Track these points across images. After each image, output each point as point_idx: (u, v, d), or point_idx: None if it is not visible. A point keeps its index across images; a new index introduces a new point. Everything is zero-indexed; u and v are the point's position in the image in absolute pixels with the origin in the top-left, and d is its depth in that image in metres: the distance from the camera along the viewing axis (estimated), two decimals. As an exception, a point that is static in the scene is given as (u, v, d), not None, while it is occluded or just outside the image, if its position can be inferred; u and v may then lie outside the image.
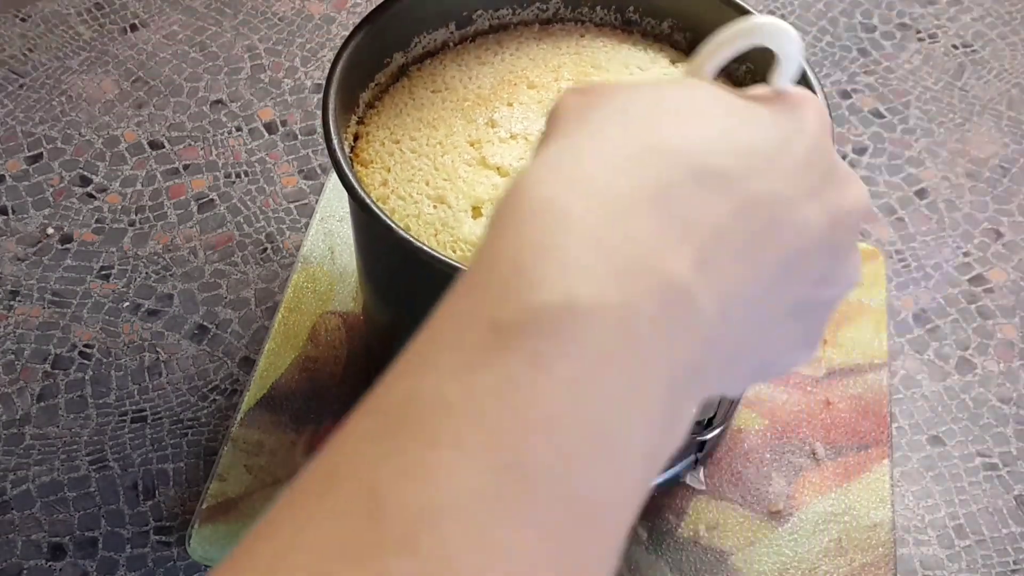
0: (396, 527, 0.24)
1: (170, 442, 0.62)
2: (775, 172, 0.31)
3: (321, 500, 0.25)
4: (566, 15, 0.60)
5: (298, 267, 0.69)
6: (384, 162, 0.52)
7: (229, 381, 0.65)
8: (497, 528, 0.24)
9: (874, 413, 0.64)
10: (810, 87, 0.53)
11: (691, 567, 0.58)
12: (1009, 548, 0.60)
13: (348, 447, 0.27)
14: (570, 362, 0.26)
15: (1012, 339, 0.69)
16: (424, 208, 0.50)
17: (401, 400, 0.27)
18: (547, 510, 0.25)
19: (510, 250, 0.28)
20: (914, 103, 0.82)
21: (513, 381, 0.26)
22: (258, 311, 0.69)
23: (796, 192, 0.31)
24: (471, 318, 0.27)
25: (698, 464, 0.61)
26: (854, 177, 0.35)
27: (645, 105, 0.32)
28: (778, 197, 0.31)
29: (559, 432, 0.25)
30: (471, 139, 0.52)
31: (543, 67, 0.56)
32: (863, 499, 0.60)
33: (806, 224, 0.32)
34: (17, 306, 0.68)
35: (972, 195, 0.76)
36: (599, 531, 0.26)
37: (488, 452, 0.25)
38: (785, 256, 0.31)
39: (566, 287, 0.27)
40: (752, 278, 0.30)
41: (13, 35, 0.83)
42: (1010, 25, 0.88)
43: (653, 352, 0.27)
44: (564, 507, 0.25)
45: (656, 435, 0.28)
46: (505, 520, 0.24)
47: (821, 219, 0.32)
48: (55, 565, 0.58)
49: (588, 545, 0.26)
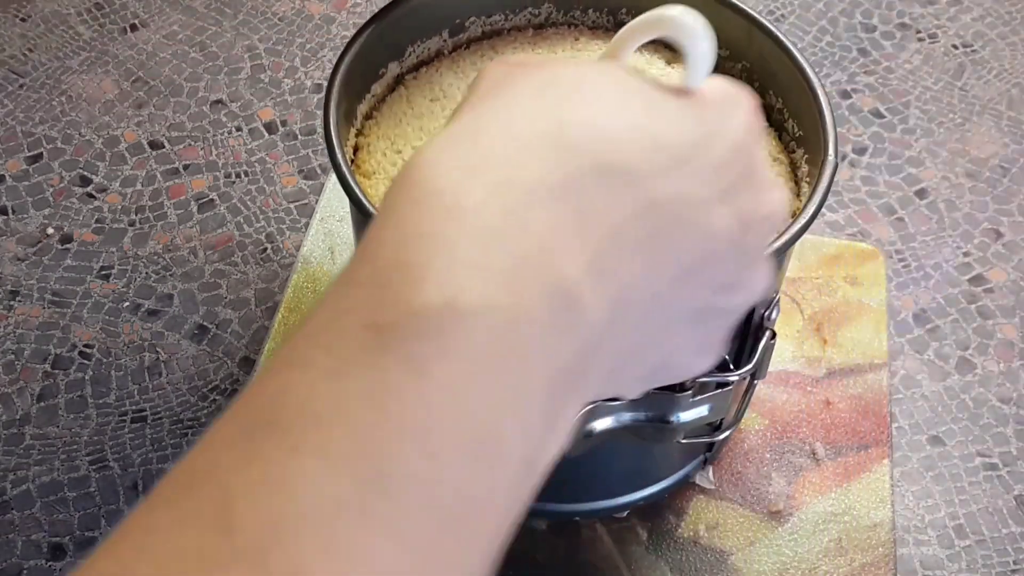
0: (246, 539, 0.22)
1: (170, 442, 0.62)
2: (685, 172, 0.30)
3: (173, 508, 0.24)
4: (558, 19, 0.60)
5: (298, 267, 0.69)
6: (387, 172, 0.52)
7: (229, 381, 0.65)
8: (356, 539, 0.23)
9: (874, 413, 0.64)
10: (811, 87, 0.53)
11: (691, 567, 0.58)
12: (1009, 548, 0.60)
13: (210, 451, 0.25)
14: (449, 366, 0.25)
15: (1012, 339, 0.69)
16: None
17: (268, 402, 0.26)
18: (413, 520, 0.24)
19: (394, 241, 0.26)
20: (914, 103, 0.82)
21: (387, 385, 0.24)
22: (258, 311, 0.69)
23: (706, 194, 0.30)
24: (349, 317, 0.26)
25: (707, 464, 0.61)
26: (775, 184, 0.34)
27: (563, 88, 0.30)
28: (685, 198, 0.29)
29: (432, 439, 0.24)
30: None
31: None
32: (863, 499, 0.60)
33: (713, 227, 0.30)
34: (17, 306, 0.68)
35: (972, 195, 0.76)
36: (468, 538, 0.25)
37: (353, 461, 0.24)
38: (687, 259, 0.30)
39: (451, 286, 0.25)
40: (649, 280, 0.29)
41: (13, 35, 0.84)
42: (1010, 25, 0.88)
43: (536, 357, 0.26)
44: (431, 516, 0.24)
45: (535, 440, 0.27)
46: (365, 531, 0.23)
47: (731, 223, 0.31)
48: (55, 565, 0.58)
49: (456, 553, 0.25)
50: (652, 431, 0.50)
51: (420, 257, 0.26)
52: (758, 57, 0.57)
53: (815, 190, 0.49)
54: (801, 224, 0.47)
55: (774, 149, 0.55)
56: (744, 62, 0.58)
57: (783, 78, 0.55)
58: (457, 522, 0.25)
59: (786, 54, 0.55)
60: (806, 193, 0.53)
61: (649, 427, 0.50)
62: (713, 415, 0.51)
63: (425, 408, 0.24)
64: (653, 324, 0.31)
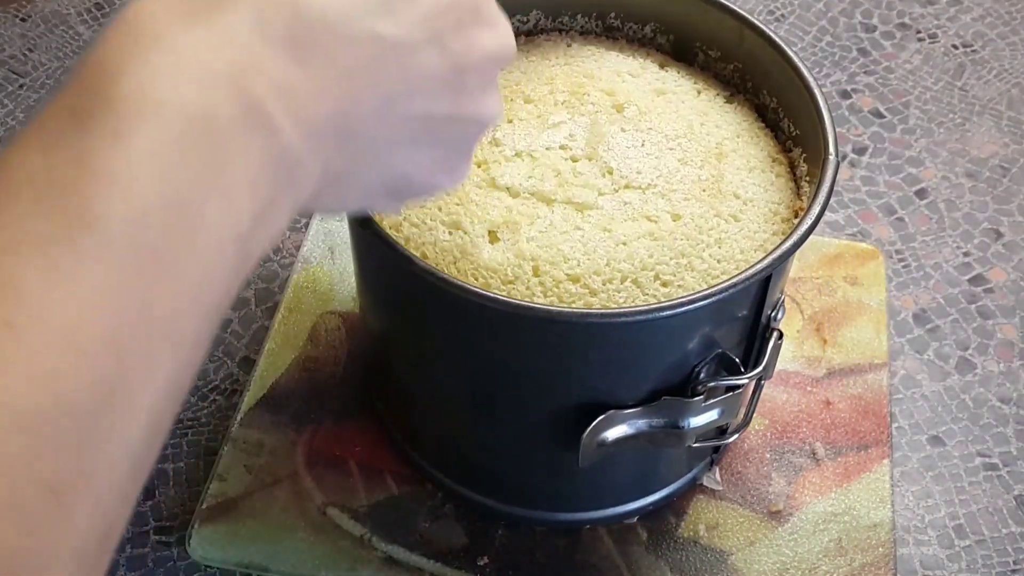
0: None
1: (170, 442, 0.62)
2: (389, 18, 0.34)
3: None
4: (547, 25, 0.60)
5: (298, 267, 0.69)
6: None
7: (229, 381, 0.65)
8: (66, 263, 0.27)
9: (874, 413, 0.64)
10: (806, 85, 0.53)
11: (691, 567, 0.58)
12: (1009, 548, 0.60)
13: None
14: (148, 140, 0.29)
15: (1012, 339, 0.69)
16: (439, 235, 0.49)
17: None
18: (118, 252, 0.28)
19: (97, 57, 0.30)
20: (914, 103, 0.82)
21: (93, 151, 0.28)
22: (258, 311, 0.69)
23: (411, 38, 0.35)
24: (54, 108, 0.30)
25: (713, 465, 0.61)
26: (497, 28, 0.38)
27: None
28: (386, 40, 0.34)
29: (135, 189, 0.28)
30: (477, 159, 0.51)
31: (536, 80, 0.55)
32: (863, 499, 0.60)
33: (419, 66, 0.35)
34: (17, 306, 0.68)
35: (972, 195, 0.76)
36: (172, 287, 0.29)
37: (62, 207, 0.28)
38: (388, 92, 0.35)
39: (147, 80, 0.29)
40: (349, 108, 0.34)
41: (13, 35, 0.84)
42: (1010, 25, 0.88)
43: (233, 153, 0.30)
44: (136, 253, 0.28)
45: (245, 222, 0.31)
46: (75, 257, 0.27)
47: (440, 63, 0.36)
48: (55, 565, 0.58)
49: (159, 297, 0.29)
50: (664, 437, 0.50)
51: (119, 63, 0.30)
52: (750, 57, 0.57)
53: (819, 189, 0.49)
54: (807, 225, 0.47)
55: (772, 149, 0.55)
56: (735, 63, 0.58)
57: (777, 77, 0.55)
58: (162, 268, 0.29)
59: (779, 53, 0.55)
60: (807, 192, 0.53)
61: (661, 433, 0.50)
62: (723, 419, 0.51)
63: (127, 165, 0.28)
64: (368, 144, 0.35)
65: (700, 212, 0.50)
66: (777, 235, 0.51)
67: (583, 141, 0.52)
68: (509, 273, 0.48)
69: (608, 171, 0.51)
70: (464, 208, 0.50)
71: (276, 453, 0.61)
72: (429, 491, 0.60)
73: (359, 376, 0.65)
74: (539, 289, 0.48)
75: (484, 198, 0.50)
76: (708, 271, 0.49)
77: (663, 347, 0.49)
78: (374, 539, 0.58)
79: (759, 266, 0.46)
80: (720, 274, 0.49)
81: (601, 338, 0.47)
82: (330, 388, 0.64)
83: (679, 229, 0.50)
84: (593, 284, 0.48)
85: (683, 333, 0.48)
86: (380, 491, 0.60)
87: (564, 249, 0.48)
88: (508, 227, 0.49)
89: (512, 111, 0.53)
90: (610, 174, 0.51)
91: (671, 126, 0.53)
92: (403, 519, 0.59)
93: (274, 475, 0.60)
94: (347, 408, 0.63)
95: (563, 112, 0.53)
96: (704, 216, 0.50)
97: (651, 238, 0.49)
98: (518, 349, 0.49)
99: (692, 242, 0.49)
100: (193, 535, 0.58)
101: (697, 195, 0.51)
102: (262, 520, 0.58)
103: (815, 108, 0.52)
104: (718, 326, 0.49)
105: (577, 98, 0.54)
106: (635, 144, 0.52)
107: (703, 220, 0.50)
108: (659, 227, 0.49)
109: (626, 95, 0.55)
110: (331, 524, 0.58)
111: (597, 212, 0.50)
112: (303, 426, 0.62)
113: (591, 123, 0.53)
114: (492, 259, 0.48)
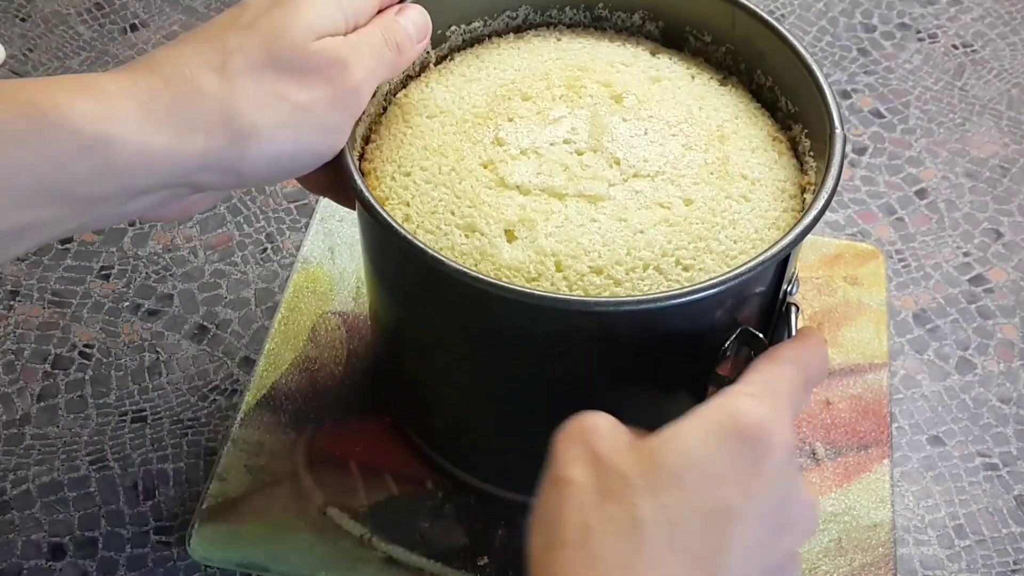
0: None
1: (170, 442, 0.62)
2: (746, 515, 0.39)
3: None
4: (536, 20, 0.60)
5: (298, 267, 0.69)
6: (401, 196, 0.51)
7: (229, 381, 0.65)
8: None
9: (874, 413, 0.64)
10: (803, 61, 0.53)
11: (691, 567, 0.58)
12: (1009, 548, 0.60)
13: None
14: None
15: (1012, 339, 0.69)
16: (456, 239, 0.49)
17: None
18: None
19: None
20: (914, 103, 0.82)
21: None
22: (258, 311, 0.69)
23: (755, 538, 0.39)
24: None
25: None
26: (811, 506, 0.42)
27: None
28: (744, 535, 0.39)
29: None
30: (483, 161, 0.51)
31: (531, 76, 0.55)
32: (863, 499, 0.60)
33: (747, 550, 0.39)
34: (17, 306, 0.68)
35: (972, 195, 0.76)
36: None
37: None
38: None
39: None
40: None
41: (13, 35, 0.84)
42: (1010, 25, 0.88)
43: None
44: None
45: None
46: None
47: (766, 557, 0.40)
48: (55, 565, 0.58)
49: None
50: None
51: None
52: (743, 39, 0.57)
53: (830, 163, 0.49)
54: (823, 200, 0.48)
55: (770, 128, 0.56)
56: (727, 45, 0.58)
57: (772, 57, 0.56)
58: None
59: (774, 33, 0.55)
60: (811, 167, 0.53)
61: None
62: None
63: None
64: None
65: (711, 195, 0.51)
66: (787, 212, 0.52)
67: (586, 134, 0.52)
68: (532, 270, 0.48)
69: (615, 162, 0.51)
70: (477, 210, 0.49)
71: (276, 453, 0.61)
72: (429, 491, 0.60)
73: (359, 375, 0.65)
74: (564, 284, 0.48)
75: (495, 198, 0.50)
76: (726, 252, 0.49)
77: (692, 329, 0.49)
78: (374, 539, 0.58)
79: (782, 243, 0.47)
80: (738, 254, 0.49)
81: (634, 325, 0.48)
82: (330, 388, 0.64)
83: (693, 213, 0.50)
84: (617, 274, 0.48)
85: (711, 313, 0.48)
86: (380, 491, 0.60)
87: (583, 242, 0.48)
88: (524, 225, 0.49)
89: (512, 110, 0.53)
90: (617, 164, 0.51)
91: (671, 112, 0.54)
92: (403, 519, 0.59)
93: (274, 475, 0.60)
94: (347, 408, 0.63)
95: (562, 107, 0.53)
96: (715, 199, 0.50)
97: (667, 224, 0.49)
98: (554, 344, 0.49)
99: (707, 225, 0.50)
100: (193, 535, 0.58)
101: (706, 178, 0.51)
102: (262, 520, 0.58)
103: (815, 84, 0.53)
104: (741, 304, 0.49)
105: (574, 91, 0.54)
106: (638, 133, 0.52)
107: (715, 203, 0.50)
108: (673, 213, 0.50)
109: (623, 85, 0.55)
110: (331, 524, 0.58)
111: (610, 203, 0.50)
112: (303, 426, 0.62)
113: (592, 115, 0.53)
114: (513, 258, 0.48)
